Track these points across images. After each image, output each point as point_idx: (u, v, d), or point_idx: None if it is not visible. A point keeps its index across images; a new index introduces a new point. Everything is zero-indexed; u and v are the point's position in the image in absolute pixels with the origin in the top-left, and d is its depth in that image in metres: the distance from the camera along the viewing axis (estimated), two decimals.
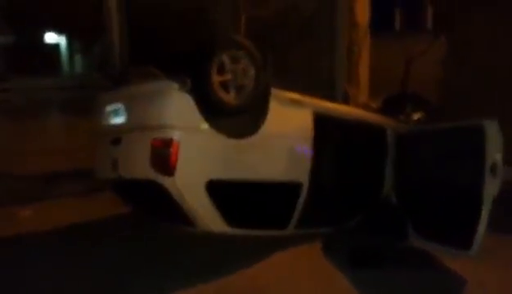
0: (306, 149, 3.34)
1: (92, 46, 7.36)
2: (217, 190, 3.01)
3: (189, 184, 2.93)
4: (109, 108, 3.37)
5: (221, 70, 2.95)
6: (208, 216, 3.05)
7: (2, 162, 4.88)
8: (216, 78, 2.92)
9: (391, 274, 3.14)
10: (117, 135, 3.26)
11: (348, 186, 3.64)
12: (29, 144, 5.11)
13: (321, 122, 3.42)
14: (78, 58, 8.28)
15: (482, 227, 2.95)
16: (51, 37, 8.70)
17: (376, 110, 4.55)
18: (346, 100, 5.75)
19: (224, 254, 3.43)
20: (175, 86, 2.92)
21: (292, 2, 6.21)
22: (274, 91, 3.26)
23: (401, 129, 3.90)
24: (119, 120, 3.27)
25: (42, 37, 8.71)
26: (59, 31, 8.34)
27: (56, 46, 8.68)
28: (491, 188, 2.97)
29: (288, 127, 3.31)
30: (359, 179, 3.70)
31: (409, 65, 6.41)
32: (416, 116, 4.31)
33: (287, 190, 3.32)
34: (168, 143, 2.84)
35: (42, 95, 5.38)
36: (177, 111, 2.93)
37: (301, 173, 3.34)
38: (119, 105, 3.26)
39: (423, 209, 3.50)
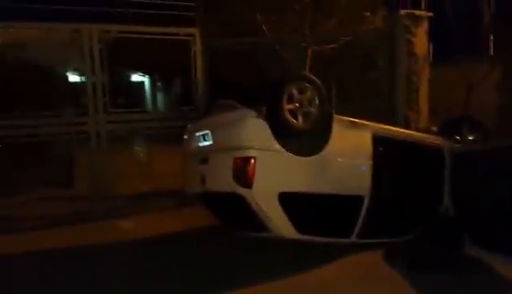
0: (365, 166, 3.79)
1: (178, 85, 8.40)
2: (288, 201, 3.55)
3: (264, 195, 3.52)
4: (198, 133, 4.09)
5: (290, 100, 3.58)
6: (280, 224, 3.59)
7: (107, 184, 5.81)
8: (286, 107, 3.54)
9: (449, 280, 3.39)
10: (205, 156, 3.96)
11: (407, 200, 3.98)
12: (129, 168, 6.05)
13: (380, 142, 3.87)
14: (168, 95, 9.38)
15: None
16: (143, 79, 10.06)
17: (436, 133, 4.87)
18: (407, 125, 6.10)
19: (294, 256, 3.91)
20: (253, 114, 3.60)
21: (353, 37, 6.76)
22: (336, 117, 3.80)
23: (458, 149, 4.21)
24: (206, 143, 3.97)
25: (135, 77, 10.06)
26: (152, 74, 9.59)
27: (148, 85, 10.01)
28: None
29: (349, 147, 3.81)
30: (418, 193, 4.03)
31: (470, 91, 6.65)
32: (471, 137, 4.58)
33: (349, 203, 3.76)
34: (247, 160, 3.47)
35: (139, 126, 6.29)
36: (255, 134, 3.56)
37: (362, 187, 3.78)
38: (206, 131, 3.97)
39: (479, 221, 3.75)
